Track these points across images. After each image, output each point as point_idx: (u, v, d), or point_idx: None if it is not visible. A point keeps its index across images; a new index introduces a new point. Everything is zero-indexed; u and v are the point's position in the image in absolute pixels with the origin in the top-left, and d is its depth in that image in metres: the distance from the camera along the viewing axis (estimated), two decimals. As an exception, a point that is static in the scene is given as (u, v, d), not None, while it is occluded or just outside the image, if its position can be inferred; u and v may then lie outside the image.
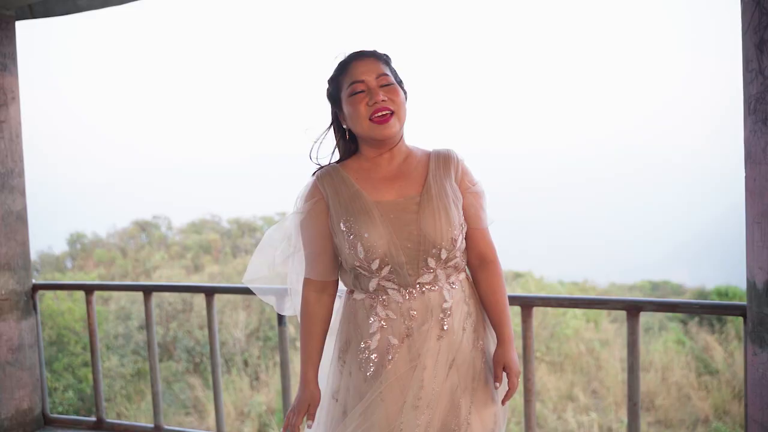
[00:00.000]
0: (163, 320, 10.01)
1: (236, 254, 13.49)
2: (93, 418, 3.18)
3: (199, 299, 10.39)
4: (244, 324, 10.05)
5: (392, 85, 1.68)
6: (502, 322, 1.76)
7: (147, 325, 2.93)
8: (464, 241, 1.73)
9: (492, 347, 1.79)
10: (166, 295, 10.09)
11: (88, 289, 3.15)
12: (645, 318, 9.49)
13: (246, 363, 9.66)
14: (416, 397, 1.64)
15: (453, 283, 1.71)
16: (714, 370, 7.67)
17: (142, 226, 14.61)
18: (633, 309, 2.17)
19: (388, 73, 1.70)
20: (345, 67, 1.71)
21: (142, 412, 8.07)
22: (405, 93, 1.74)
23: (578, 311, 8.84)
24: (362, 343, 1.70)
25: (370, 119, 1.66)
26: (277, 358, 10.03)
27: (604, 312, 9.32)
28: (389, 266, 1.65)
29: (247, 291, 4.09)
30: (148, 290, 3.05)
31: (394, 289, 1.67)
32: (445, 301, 1.68)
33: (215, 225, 14.96)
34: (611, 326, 9.09)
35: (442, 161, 1.75)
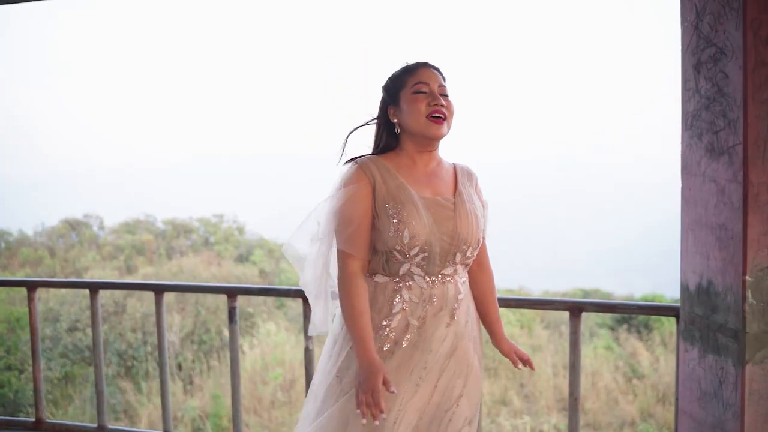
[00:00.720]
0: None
1: (171, 256, 13.20)
2: (32, 419, 3.07)
3: (133, 301, 10.17)
4: (178, 327, 9.86)
5: (449, 96, 1.86)
6: (497, 319, 2.01)
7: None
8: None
9: (479, 342, 1.98)
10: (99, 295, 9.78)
11: (31, 286, 3.03)
12: (576, 325, 9.82)
13: (180, 367, 9.47)
14: (419, 377, 1.80)
15: (463, 279, 1.90)
16: (641, 375, 7.99)
17: (73, 225, 14.10)
18: (576, 309, 2.30)
19: (447, 86, 1.88)
20: (413, 69, 1.87)
21: (69, 417, 7.80)
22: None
23: (513, 317, 9.08)
24: (383, 321, 1.82)
25: (427, 117, 1.80)
26: (212, 362, 9.91)
27: (538, 318, 9.60)
28: (425, 254, 1.79)
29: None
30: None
31: (420, 275, 1.82)
32: (460, 292, 1.86)
33: (149, 225, 14.59)
34: (544, 332, 9.36)
35: (467, 174, 1.96)
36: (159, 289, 2.85)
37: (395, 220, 1.77)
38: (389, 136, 1.90)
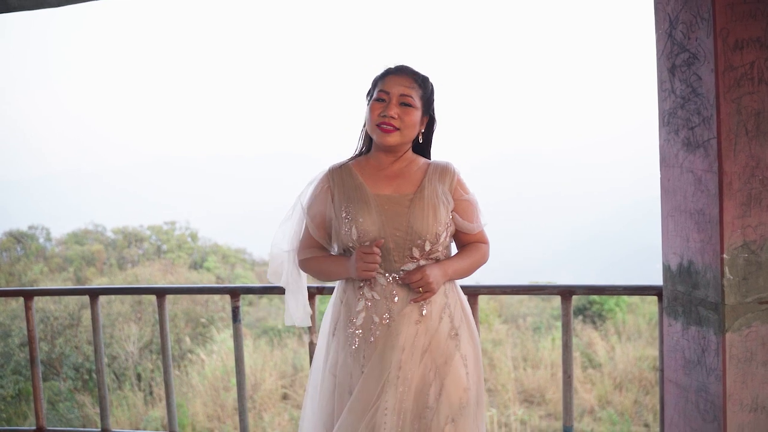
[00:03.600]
0: (48, 336, 9.45)
1: (122, 266, 12.96)
2: (33, 427, 3.08)
3: (88, 312, 9.91)
4: (136, 337, 9.72)
5: (410, 107, 1.92)
6: (456, 256, 2.01)
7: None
8: (448, 238, 1.99)
9: (467, 340, 1.99)
10: (52, 308, 9.55)
11: (28, 295, 3.03)
12: (533, 318, 10.17)
13: (139, 377, 9.33)
14: (394, 376, 1.84)
15: None
16: (597, 364, 8.33)
17: (17, 238, 13.66)
18: (567, 293, 2.50)
19: (414, 95, 1.92)
20: (384, 75, 1.97)
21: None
22: (432, 118, 2.02)
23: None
24: (350, 320, 1.94)
25: (377, 125, 1.92)
26: (173, 371, 9.78)
27: (496, 313, 9.89)
28: (378, 250, 1.87)
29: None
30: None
31: (380, 273, 1.92)
32: None
33: (99, 235, 14.26)
34: (503, 327, 9.64)
35: (440, 171, 2.01)
36: (161, 293, 2.91)
37: (348, 219, 1.90)
38: (367, 138, 2.05)
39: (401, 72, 1.95)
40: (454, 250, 2.08)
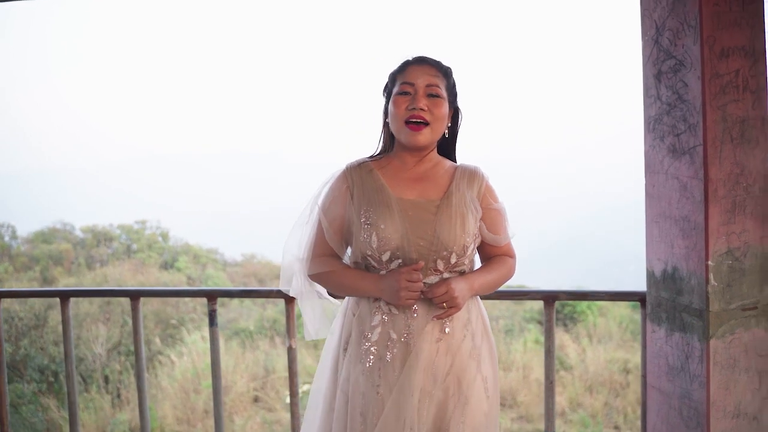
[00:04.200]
0: (12, 338, 9.21)
1: (91, 265, 12.71)
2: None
3: (54, 313, 9.69)
4: (105, 338, 9.53)
5: (439, 98, 1.76)
6: (482, 269, 1.86)
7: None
8: (475, 250, 1.84)
9: (487, 360, 1.84)
10: (17, 308, 9.31)
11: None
12: (504, 321, 10.22)
13: (107, 380, 9.15)
14: (414, 397, 1.69)
15: None
16: (568, 366, 8.39)
17: (-19, 236, 13.32)
18: (550, 299, 2.49)
19: (440, 85, 1.78)
20: (404, 66, 1.81)
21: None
22: (458, 111, 1.85)
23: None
24: (364, 335, 1.77)
25: (405, 122, 1.75)
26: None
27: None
28: (400, 260, 1.73)
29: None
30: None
31: None
32: None
33: (67, 234, 13.96)
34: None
35: (468, 175, 1.84)
36: (135, 295, 2.82)
37: (366, 225, 1.72)
38: (387, 136, 1.87)
39: (423, 62, 1.79)
40: (477, 262, 1.93)
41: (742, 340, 2.04)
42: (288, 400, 7.17)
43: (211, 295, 2.75)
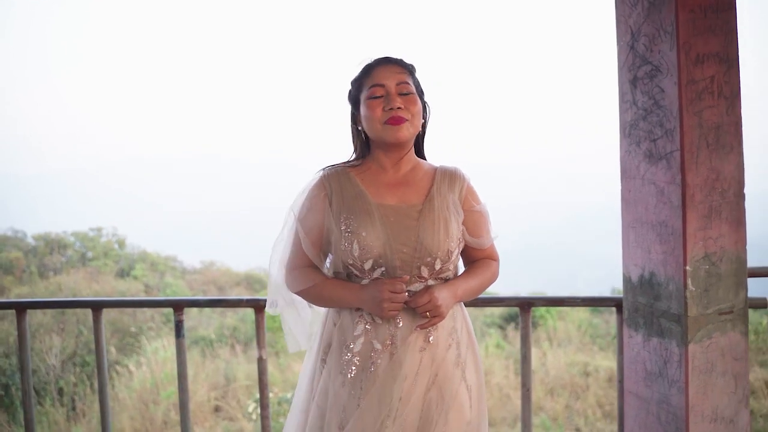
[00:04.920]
0: (-41, 350, 8.83)
1: (44, 274, 12.30)
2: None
3: (5, 324, 9.32)
4: (59, 349, 9.21)
5: (411, 94, 1.74)
6: (465, 275, 1.81)
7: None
8: (459, 255, 1.79)
9: (472, 368, 1.80)
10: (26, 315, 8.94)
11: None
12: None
13: (61, 392, 8.85)
14: (395, 409, 1.65)
15: None
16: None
17: (-76, 244, 12.75)
18: (526, 305, 2.47)
19: (410, 82, 1.75)
20: (369, 70, 1.76)
21: None
22: (426, 105, 1.81)
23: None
24: (346, 345, 1.72)
25: (384, 123, 1.70)
26: (96, 384, 9.32)
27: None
28: (382, 268, 1.69)
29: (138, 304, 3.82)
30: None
31: None
32: None
33: (18, 242, 13.48)
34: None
35: (448, 177, 1.81)
36: (97, 306, 2.69)
37: (347, 233, 1.68)
38: (364, 142, 1.82)
39: (388, 62, 1.76)
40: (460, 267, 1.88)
41: (719, 344, 2.06)
42: (250, 409, 7.03)
43: (178, 305, 2.65)
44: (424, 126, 1.85)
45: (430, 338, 1.71)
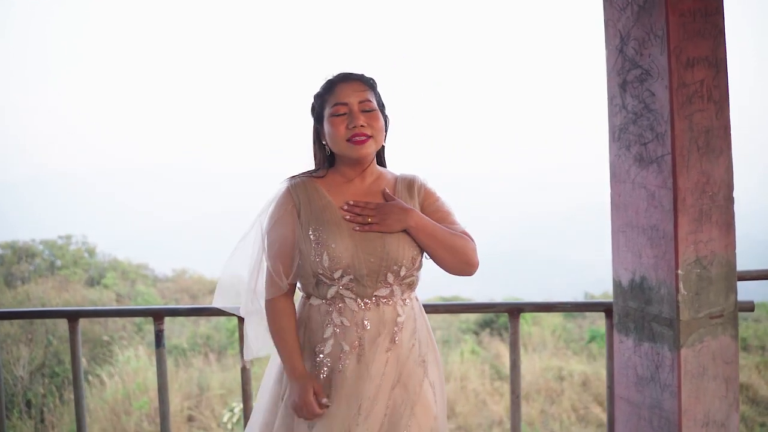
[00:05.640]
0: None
1: (11, 283, 11.97)
2: None
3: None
4: (27, 360, 8.97)
5: (374, 111, 1.78)
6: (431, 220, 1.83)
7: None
8: (423, 262, 1.84)
9: (434, 366, 1.87)
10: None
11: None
12: (441, 332, 10.24)
13: (29, 404, 8.62)
14: (365, 409, 1.71)
15: (405, 299, 1.82)
16: (505, 376, 8.46)
17: None
18: (515, 311, 2.45)
19: (372, 99, 1.80)
20: (331, 87, 1.80)
21: None
22: (386, 118, 1.85)
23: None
24: (316, 347, 1.78)
25: (347, 140, 1.75)
26: (68, 395, 9.06)
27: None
28: (350, 276, 1.74)
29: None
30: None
31: (351, 298, 1.76)
32: (399, 315, 1.78)
33: (-16, 251, 13.12)
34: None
35: (407, 185, 1.88)
36: (73, 316, 2.60)
37: (316, 244, 1.73)
38: (326, 155, 1.87)
39: (349, 79, 1.80)
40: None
41: (710, 348, 2.05)
42: (225, 419, 6.91)
43: (158, 314, 2.58)
44: (384, 137, 1.90)
45: (396, 339, 1.77)
